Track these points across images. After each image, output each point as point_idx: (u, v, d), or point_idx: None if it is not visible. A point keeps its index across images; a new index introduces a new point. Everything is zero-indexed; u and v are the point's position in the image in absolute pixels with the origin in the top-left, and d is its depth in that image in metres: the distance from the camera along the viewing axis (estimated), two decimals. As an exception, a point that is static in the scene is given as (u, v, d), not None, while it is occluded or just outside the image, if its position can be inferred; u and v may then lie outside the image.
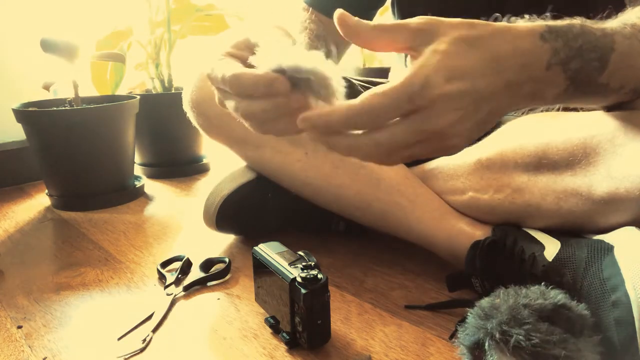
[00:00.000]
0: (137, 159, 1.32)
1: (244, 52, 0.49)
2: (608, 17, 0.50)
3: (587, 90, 0.47)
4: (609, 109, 0.54)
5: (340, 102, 0.41)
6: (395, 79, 0.40)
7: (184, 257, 0.75)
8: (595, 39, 0.45)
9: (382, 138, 0.40)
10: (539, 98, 0.46)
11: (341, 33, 0.42)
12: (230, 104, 0.47)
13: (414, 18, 0.42)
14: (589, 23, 0.46)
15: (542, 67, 0.43)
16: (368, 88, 0.49)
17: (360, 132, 0.41)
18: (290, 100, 0.42)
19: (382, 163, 0.44)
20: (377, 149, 0.41)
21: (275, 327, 0.57)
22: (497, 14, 0.46)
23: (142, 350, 0.55)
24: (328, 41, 0.75)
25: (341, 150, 0.42)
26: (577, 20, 0.46)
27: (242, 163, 0.82)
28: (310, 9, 0.79)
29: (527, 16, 0.45)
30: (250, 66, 0.45)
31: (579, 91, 0.47)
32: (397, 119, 0.40)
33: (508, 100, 0.43)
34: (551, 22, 0.45)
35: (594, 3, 0.54)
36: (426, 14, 0.44)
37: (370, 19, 0.83)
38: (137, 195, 1.15)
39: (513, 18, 0.45)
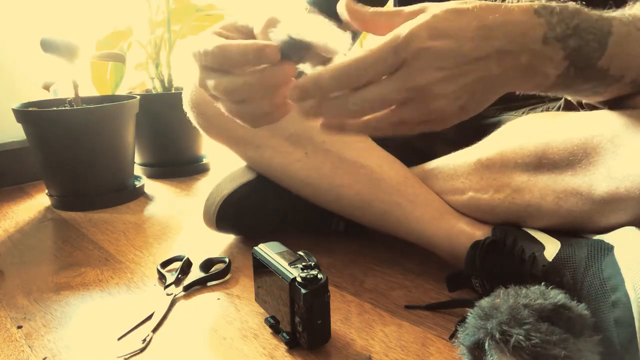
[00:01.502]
0: (137, 159, 1.32)
1: (231, 33, 0.49)
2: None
3: (587, 75, 0.47)
4: (610, 106, 0.54)
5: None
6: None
7: (184, 257, 0.75)
8: (593, 20, 0.45)
9: (368, 94, 0.41)
10: (539, 74, 0.45)
11: (346, 16, 0.44)
12: (210, 83, 0.47)
13: (407, 7, 0.44)
14: (584, 6, 0.46)
15: (538, 39, 0.43)
16: None
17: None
18: (280, 69, 0.42)
19: (374, 133, 0.45)
20: (365, 106, 0.42)
21: (275, 327, 0.57)
22: None
23: (142, 350, 0.55)
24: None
25: (331, 114, 0.43)
26: (571, 3, 0.46)
27: (242, 163, 0.82)
28: (312, 9, 0.78)
29: None
30: None
31: (579, 75, 0.46)
32: (385, 77, 0.41)
33: (500, 69, 0.43)
34: (545, 2, 0.45)
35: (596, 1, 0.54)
36: None
37: (359, 34, 0.83)
38: (137, 195, 1.15)
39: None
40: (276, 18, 0.44)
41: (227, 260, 0.73)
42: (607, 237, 0.52)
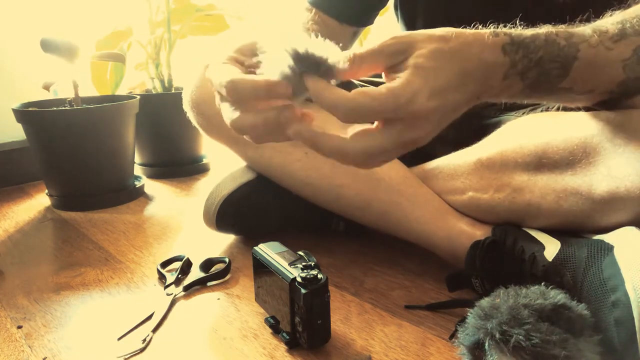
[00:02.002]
0: (137, 159, 1.32)
1: (248, 57, 0.49)
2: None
3: (548, 92, 0.50)
4: (609, 106, 0.54)
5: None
6: (384, 86, 0.43)
7: (184, 257, 0.75)
8: (559, 49, 0.47)
9: (367, 145, 0.44)
10: (495, 99, 0.50)
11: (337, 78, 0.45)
12: (224, 109, 0.48)
13: (384, 39, 0.45)
14: (556, 32, 0.48)
15: (499, 77, 0.46)
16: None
17: (347, 137, 0.44)
18: (290, 110, 0.44)
19: (360, 167, 0.47)
20: (360, 155, 0.44)
21: (275, 327, 0.57)
22: (476, 22, 0.48)
23: (142, 350, 0.55)
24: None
25: (325, 151, 0.44)
26: (543, 30, 0.48)
27: (242, 163, 0.82)
28: (314, 10, 0.78)
29: (494, 24, 0.48)
30: (251, 72, 0.46)
31: (536, 93, 0.50)
32: (377, 124, 0.44)
33: (464, 107, 0.47)
34: (515, 33, 0.47)
35: (594, 3, 0.54)
36: (428, 14, 0.44)
37: (372, 19, 0.83)
38: (137, 195, 1.15)
39: (480, 26, 0.48)
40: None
41: (227, 260, 0.73)
42: (607, 237, 0.52)
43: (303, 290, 0.50)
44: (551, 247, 0.55)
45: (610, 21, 0.50)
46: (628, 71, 0.49)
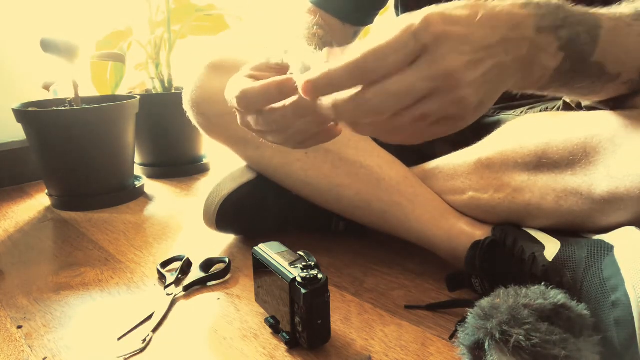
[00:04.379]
0: (137, 159, 1.32)
1: (265, 72, 0.50)
2: None
3: (583, 70, 0.46)
4: (610, 106, 0.54)
5: None
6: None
7: (184, 257, 0.75)
8: (579, 14, 0.45)
9: (392, 85, 0.37)
10: (538, 65, 0.44)
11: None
12: (250, 121, 0.48)
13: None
14: (568, 4, 0.46)
15: (530, 28, 0.42)
16: None
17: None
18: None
19: (392, 133, 0.41)
20: (386, 101, 0.38)
21: (275, 327, 0.57)
22: None
23: (142, 350, 0.55)
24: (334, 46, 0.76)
25: (349, 114, 0.39)
26: (554, 1, 0.45)
27: (242, 163, 0.82)
28: (317, 12, 0.78)
29: None
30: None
31: (576, 69, 0.46)
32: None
33: (508, 56, 0.42)
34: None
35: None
36: None
37: (372, 19, 0.83)
38: (137, 195, 1.15)
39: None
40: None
41: (227, 260, 0.73)
42: (607, 237, 0.52)
43: (303, 290, 0.50)
44: (551, 247, 0.55)
45: (622, 7, 0.49)
46: None
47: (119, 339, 0.57)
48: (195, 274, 0.71)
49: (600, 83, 0.49)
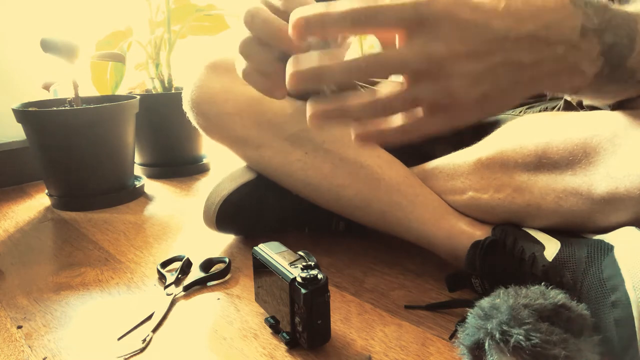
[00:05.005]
0: (137, 159, 1.32)
1: None
2: None
3: (617, 76, 0.44)
4: (611, 107, 0.54)
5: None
6: None
7: (184, 257, 0.75)
8: (622, 16, 0.43)
9: (382, 57, 0.36)
10: (577, 71, 0.41)
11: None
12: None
13: None
14: (611, 3, 0.44)
15: (575, 30, 0.39)
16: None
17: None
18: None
19: (386, 109, 0.39)
20: (379, 70, 0.37)
21: (275, 327, 0.57)
22: None
23: (142, 350, 0.55)
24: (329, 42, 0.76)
25: (338, 74, 0.37)
26: None
27: (242, 163, 0.82)
28: None
29: None
30: None
31: (611, 76, 0.43)
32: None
33: (532, 58, 0.38)
34: None
35: None
36: None
37: None
38: (137, 195, 1.15)
39: None
40: None
41: (227, 260, 0.73)
42: (607, 237, 0.52)
43: (303, 290, 0.50)
44: (551, 247, 0.55)
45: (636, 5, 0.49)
46: None
47: (119, 339, 0.57)
48: (195, 274, 0.71)
49: (625, 88, 0.48)
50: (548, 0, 0.39)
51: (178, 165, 1.33)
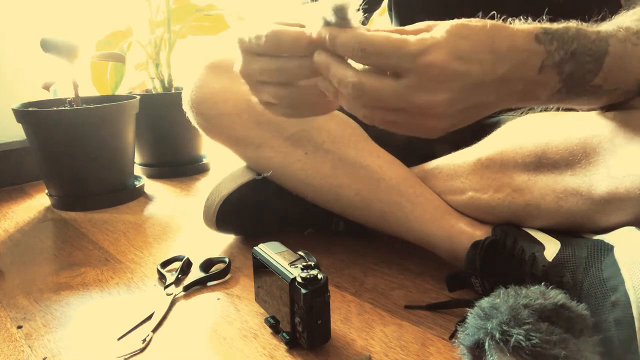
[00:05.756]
0: (137, 159, 1.32)
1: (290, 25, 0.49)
2: (603, 19, 0.50)
3: (580, 92, 0.48)
4: (605, 108, 0.54)
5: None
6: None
7: (184, 257, 0.75)
8: (591, 42, 0.46)
9: (368, 84, 0.41)
10: (531, 98, 0.47)
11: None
12: (257, 66, 0.47)
13: (411, 25, 0.43)
14: (584, 26, 0.47)
15: (535, 68, 0.44)
16: None
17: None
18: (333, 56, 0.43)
19: (364, 117, 0.44)
20: (360, 93, 0.42)
21: (275, 327, 0.57)
22: (494, 12, 0.47)
23: (142, 350, 0.55)
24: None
25: (328, 73, 0.42)
26: (573, 24, 0.46)
27: (242, 163, 0.82)
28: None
29: (522, 18, 0.46)
30: None
31: (572, 92, 0.48)
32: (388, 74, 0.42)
33: (496, 96, 0.44)
34: (547, 25, 0.45)
35: (589, 5, 0.54)
36: (424, 15, 0.44)
37: (367, 20, 0.83)
38: (137, 195, 1.15)
39: (510, 19, 0.46)
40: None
41: (227, 260, 0.73)
42: (607, 237, 0.52)
43: (303, 290, 0.50)
44: (551, 247, 0.55)
45: (629, 18, 0.50)
46: None
47: (119, 339, 0.57)
48: (195, 274, 0.71)
49: (595, 99, 0.51)
50: (517, 36, 0.43)
51: (178, 165, 1.33)
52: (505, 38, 0.42)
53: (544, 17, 0.46)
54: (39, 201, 1.16)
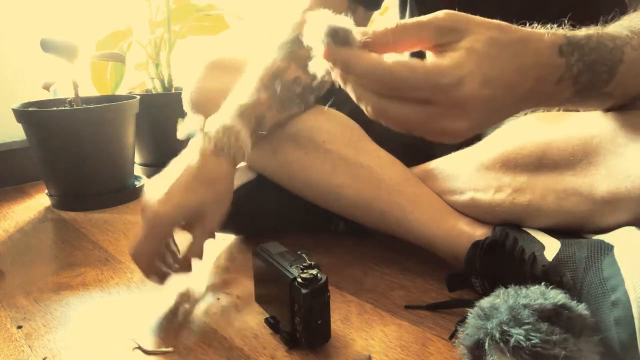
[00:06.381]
0: (137, 159, 1.32)
1: None
2: (612, 20, 0.50)
3: (590, 98, 0.49)
4: (608, 109, 0.54)
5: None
6: (429, 60, 0.40)
7: (184, 257, 0.75)
8: (608, 51, 0.46)
9: (390, 109, 0.40)
10: (542, 106, 0.49)
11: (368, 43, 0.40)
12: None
13: (436, 13, 0.41)
14: (603, 33, 0.46)
15: (553, 81, 0.44)
16: None
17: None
18: None
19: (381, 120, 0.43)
20: (381, 115, 0.41)
21: (275, 327, 0.57)
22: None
23: (142, 350, 0.55)
24: None
25: (350, 90, 0.41)
26: (593, 31, 0.46)
27: (242, 163, 0.82)
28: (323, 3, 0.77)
29: (549, 25, 0.45)
30: None
31: (582, 99, 0.48)
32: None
33: (513, 110, 0.45)
34: (570, 34, 0.45)
35: (598, 5, 0.54)
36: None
37: (379, 3, 0.82)
38: (137, 195, 1.15)
39: (535, 25, 0.45)
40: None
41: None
42: (607, 237, 0.52)
43: (303, 290, 0.50)
44: (551, 247, 0.55)
45: (637, 21, 0.50)
46: None
47: (134, 349, 0.57)
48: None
49: (601, 103, 0.52)
50: (541, 56, 0.43)
51: (178, 165, 1.32)
52: (531, 55, 0.42)
53: (565, 22, 0.46)
54: (39, 201, 1.16)
